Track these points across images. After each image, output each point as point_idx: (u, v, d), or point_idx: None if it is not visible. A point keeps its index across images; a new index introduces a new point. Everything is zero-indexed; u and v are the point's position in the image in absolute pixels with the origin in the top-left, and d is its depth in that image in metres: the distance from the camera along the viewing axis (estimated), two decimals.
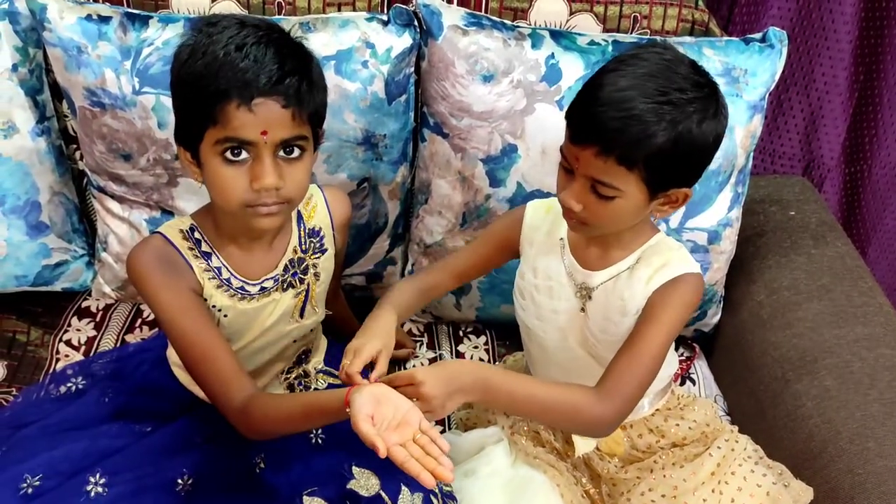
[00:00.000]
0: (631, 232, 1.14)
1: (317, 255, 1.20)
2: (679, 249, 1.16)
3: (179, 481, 1.09)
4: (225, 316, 1.13)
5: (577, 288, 1.19)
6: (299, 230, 1.19)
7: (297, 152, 1.03)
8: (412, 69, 1.44)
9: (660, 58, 1.03)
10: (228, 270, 1.13)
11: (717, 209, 1.48)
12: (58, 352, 1.50)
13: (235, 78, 0.97)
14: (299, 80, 1.00)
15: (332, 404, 0.99)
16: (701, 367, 1.57)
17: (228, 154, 1.00)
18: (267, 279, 1.15)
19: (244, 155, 1.01)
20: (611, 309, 1.15)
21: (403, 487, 1.11)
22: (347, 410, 0.94)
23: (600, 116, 1.00)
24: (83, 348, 1.51)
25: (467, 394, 1.01)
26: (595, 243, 1.17)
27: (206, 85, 0.98)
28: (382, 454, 0.88)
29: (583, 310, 1.19)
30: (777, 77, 1.46)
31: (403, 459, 0.89)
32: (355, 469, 1.11)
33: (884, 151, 1.81)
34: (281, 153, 1.02)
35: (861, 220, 1.92)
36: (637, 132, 0.99)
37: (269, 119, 0.99)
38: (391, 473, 1.12)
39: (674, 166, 1.03)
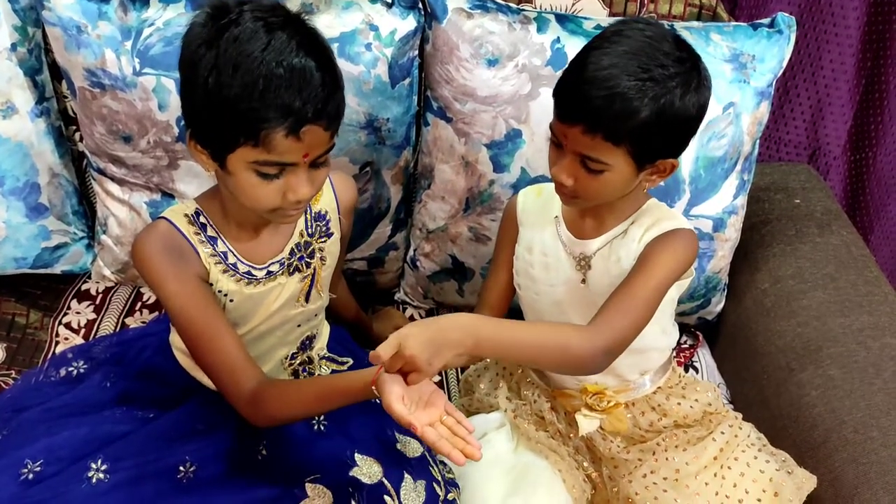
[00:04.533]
0: (624, 201, 1.16)
1: (323, 239, 1.19)
2: (670, 211, 1.19)
3: (181, 468, 1.08)
4: (231, 301, 1.12)
5: (575, 260, 1.20)
6: (306, 214, 1.18)
7: (323, 159, 1.04)
8: (416, 52, 1.43)
9: (642, 34, 1.04)
10: (234, 255, 1.12)
11: (723, 196, 1.47)
12: (57, 335, 1.49)
13: (283, 106, 0.94)
14: (338, 97, 0.99)
15: (355, 385, 0.99)
16: (704, 356, 1.57)
17: (264, 170, 0.99)
18: (273, 263, 1.14)
19: (280, 171, 1.00)
20: (611, 272, 1.17)
21: (406, 475, 1.10)
22: (374, 390, 0.95)
23: (585, 95, 1.02)
24: (83, 331, 1.50)
25: (455, 348, 0.96)
26: (590, 215, 1.19)
27: (248, 108, 0.94)
28: (419, 432, 0.91)
29: (584, 281, 1.19)
30: (785, 63, 1.45)
31: (435, 439, 0.92)
32: (358, 456, 1.11)
33: (889, 138, 1.80)
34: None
35: (865, 208, 1.91)
36: (621, 109, 1.01)
37: (312, 143, 0.99)
38: (394, 461, 1.12)
39: (659, 139, 1.06)
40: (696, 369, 1.54)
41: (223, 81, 0.94)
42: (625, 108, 1.01)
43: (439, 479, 1.14)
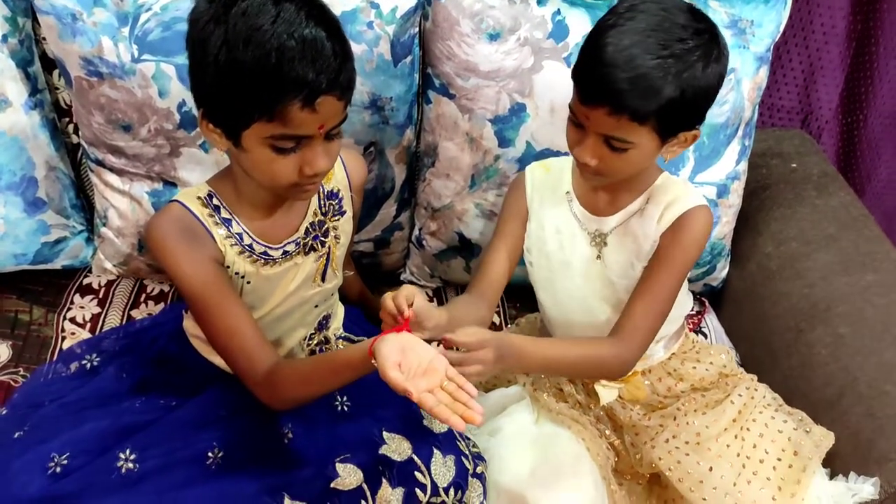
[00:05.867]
0: (639, 176, 1.16)
1: (336, 218, 1.19)
2: (684, 185, 1.20)
3: (210, 454, 1.07)
4: (248, 283, 1.11)
5: (591, 237, 1.21)
6: (319, 192, 1.17)
7: (337, 130, 1.02)
8: (417, 29, 1.41)
9: (658, 7, 1.04)
10: (250, 236, 1.11)
11: (726, 162, 1.48)
12: (63, 330, 1.47)
13: (297, 79, 0.93)
14: (349, 67, 0.98)
15: (356, 357, 0.99)
16: (711, 321, 1.58)
17: (280, 144, 0.98)
18: (289, 243, 1.14)
19: (296, 145, 0.99)
20: (626, 253, 1.18)
21: (435, 451, 1.11)
22: (373, 361, 0.94)
23: (608, 77, 1.02)
24: (89, 325, 1.48)
25: (505, 365, 1.04)
26: (604, 190, 1.20)
27: (261, 82, 0.93)
28: (415, 399, 0.89)
29: (599, 257, 1.20)
30: (782, 27, 1.46)
31: (433, 405, 0.89)
32: (386, 434, 1.10)
33: (879, 100, 1.82)
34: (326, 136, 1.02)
35: (856, 171, 1.93)
36: (645, 89, 1.01)
37: (327, 114, 0.97)
38: (422, 438, 1.12)
39: (683, 113, 1.06)
40: (704, 335, 1.55)
41: (235, 57, 0.93)
42: (649, 89, 1.01)
43: (467, 453, 1.14)
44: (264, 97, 0.94)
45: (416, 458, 1.09)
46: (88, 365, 1.25)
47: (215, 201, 1.10)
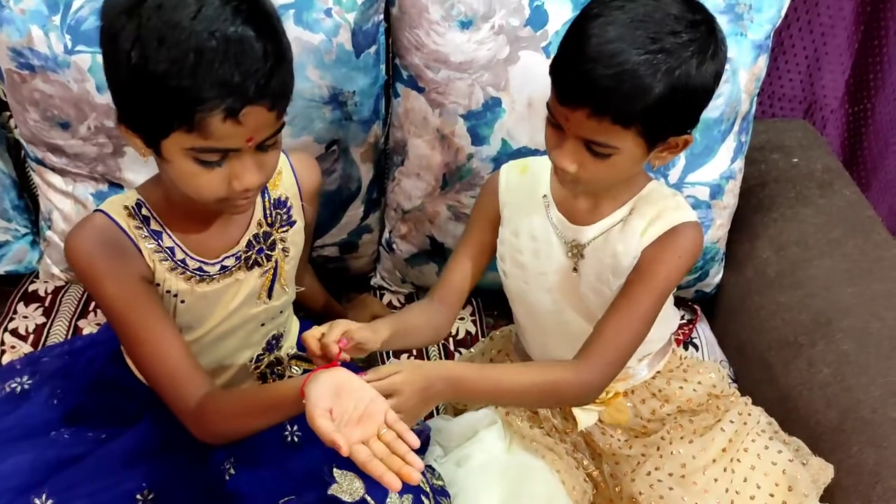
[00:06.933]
0: (623, 183, 1.05)
1: (284, 229, 1.08)
2: (673, 197, 1.08)
3: (139, 496, 0.98)
4: (182, 302, 1.01)
5: (567, 247, 1.10)
6: (263, 201, 1.06)
7: (272, 141, 0.91)
8: (381, 17, 1.30)
9: None
10: (182, 250, 1.00)
11: (720, 161, 1.37)
12: (3, 343, 1.37)
13: (219, 86, 0.81)
14: (283, 71, 0.86)
15: (288, 396, 0.89)
16: (703, 331, 1.48)
17: (204, 157, 0.87)
18: (228, 257, 1.03)
19: (222, 158, 0.88)
20: (602, 267, 1.07)
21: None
22: (304, 402, 0.84)
23: (590, 74, 0.90)
24: (31, 337, 1.38)
25: (440, 397, 0.95)
26: (585, 196, 1.08)
27: (178, 88, 0.81)
28: (345, 453, 0.79)
29: (575, 269, 1.10)
30: (784, 12, 1.34)
31: (365, 460, 0.80)
32: (336, 472, 0.99)
33: (888, 87, 1.70)
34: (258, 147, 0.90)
35: (862, 163, 1.82)
36: (631, 88, 0.90)
37: (256, 126, 0.86)
38: None
39: (673, 116, 0.95)
40: (695, 346, 1.44)
41: (148, 57, 0.81)
42: (635, 88, 0.89)
43: (427, 490, 1.04)
44: (181, 105, 0.82)
45: (368, 498, 0.98)
46: (19, 388, 1.15)
47: (144, 211, 0.99)
